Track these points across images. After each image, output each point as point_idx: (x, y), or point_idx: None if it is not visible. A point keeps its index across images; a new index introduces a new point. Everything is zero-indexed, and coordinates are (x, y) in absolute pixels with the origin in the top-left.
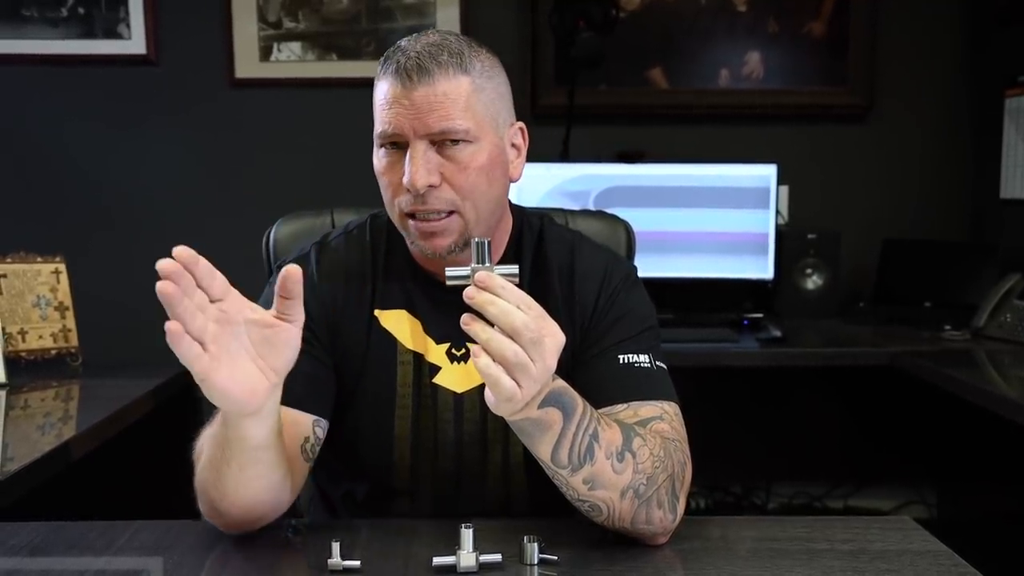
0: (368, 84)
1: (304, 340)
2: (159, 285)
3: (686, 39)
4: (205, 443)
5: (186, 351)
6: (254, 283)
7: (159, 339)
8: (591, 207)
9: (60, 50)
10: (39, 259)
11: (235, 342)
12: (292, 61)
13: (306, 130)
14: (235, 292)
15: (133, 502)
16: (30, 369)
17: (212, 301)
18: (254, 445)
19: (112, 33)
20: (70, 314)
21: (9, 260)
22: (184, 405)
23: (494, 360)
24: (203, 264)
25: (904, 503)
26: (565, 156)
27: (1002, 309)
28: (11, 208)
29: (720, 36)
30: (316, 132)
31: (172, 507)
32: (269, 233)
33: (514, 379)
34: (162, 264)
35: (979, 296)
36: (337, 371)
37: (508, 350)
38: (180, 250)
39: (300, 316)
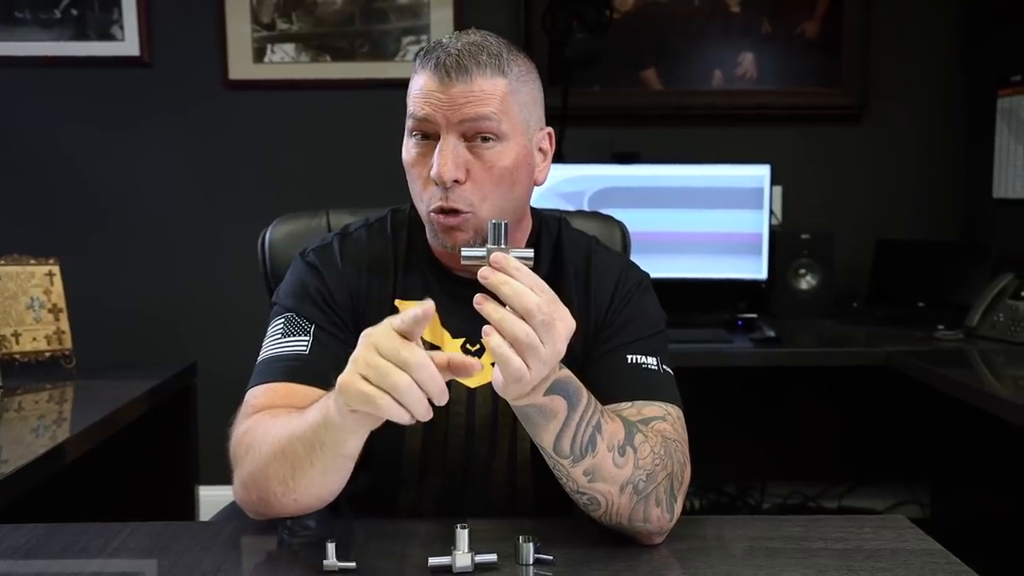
0: (361, 85)
1: (335, 325)
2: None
3: (680, 40)
4: (269, 435)
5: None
6: (249, 283)
7: (153, 340)
8: (585, 208)
9: (54, 52)
10: (32, 261)
11: None
12: (286, 62)
13: (300, 131)
14: None
15: (128, 504)
16: (24, 371)
17: None
18: (344, 454)
19: (105, 35)
20: (64, 316)
21: (2, 262)
22: (179, 407)
23: (505, 340)
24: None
25: (898, 503)
26: (559, 157)
27: (995, 309)
28: (4, 210)
29: (713, 37)
30: (310, 133)
31: (167, 508)
32: (264, 234)
33: (523, 360)
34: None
35: (972, 296)
36: None
37: (519, 330)
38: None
39: None
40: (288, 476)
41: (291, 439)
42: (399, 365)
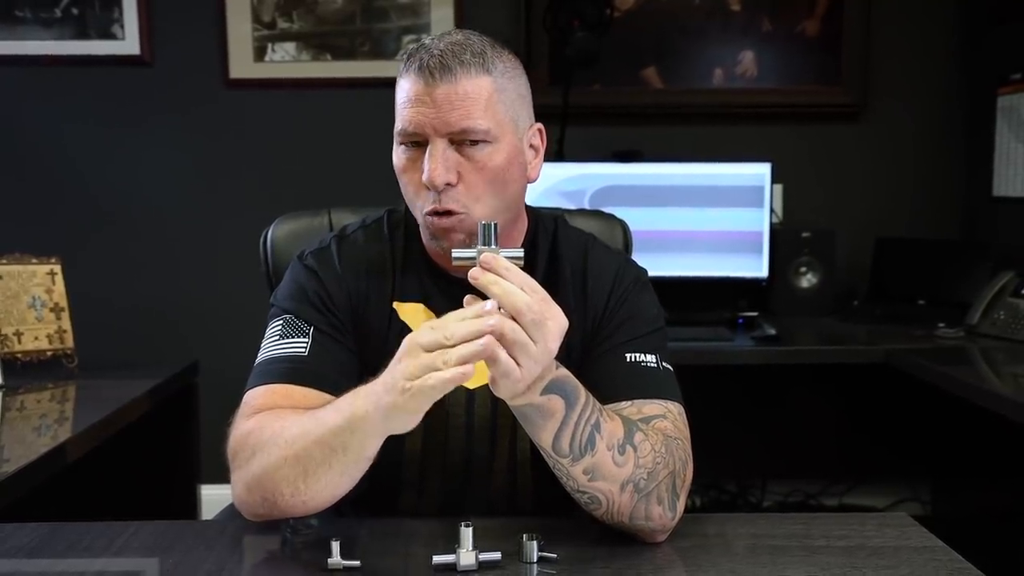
0: (362, 84)
1: (335, 328)
2: None
3: (680, 38)
4: (280, 437)
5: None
6: (250, 282)
7: (155, 339)
8: (587, 206)
9: (54, 51)
10: (34, 260)
11: None
12: (286, 61)
13: (301, 130)
14: None
15: (130, 503)
16: (26, 371)
17: None
18: (365, 456)
19: (106, 34)
20: (66, 315)
21: (4, 261)
22: (181, 406)
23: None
24: None
25: (899, 500)
26: (560, 156)
27: (995, 307)
28: (6, 209)
29: (714, 35)
30: (311, 132)
31: (169, 507)
32: (266, 233)
33: (513, 357)
34: None
35: (972, 294)
36: (358, 360)
37: (507, 327)
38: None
39: None
40: (299, 479)
41: (306, 442)
42: (443, 331)
